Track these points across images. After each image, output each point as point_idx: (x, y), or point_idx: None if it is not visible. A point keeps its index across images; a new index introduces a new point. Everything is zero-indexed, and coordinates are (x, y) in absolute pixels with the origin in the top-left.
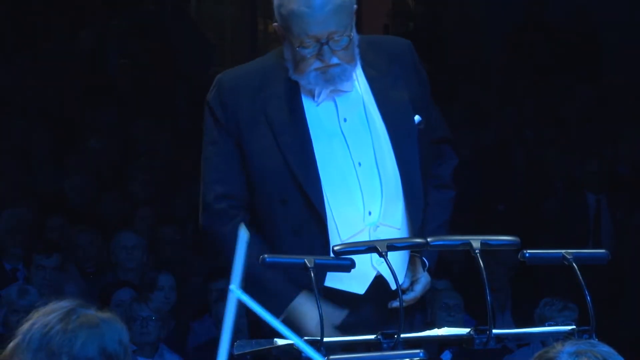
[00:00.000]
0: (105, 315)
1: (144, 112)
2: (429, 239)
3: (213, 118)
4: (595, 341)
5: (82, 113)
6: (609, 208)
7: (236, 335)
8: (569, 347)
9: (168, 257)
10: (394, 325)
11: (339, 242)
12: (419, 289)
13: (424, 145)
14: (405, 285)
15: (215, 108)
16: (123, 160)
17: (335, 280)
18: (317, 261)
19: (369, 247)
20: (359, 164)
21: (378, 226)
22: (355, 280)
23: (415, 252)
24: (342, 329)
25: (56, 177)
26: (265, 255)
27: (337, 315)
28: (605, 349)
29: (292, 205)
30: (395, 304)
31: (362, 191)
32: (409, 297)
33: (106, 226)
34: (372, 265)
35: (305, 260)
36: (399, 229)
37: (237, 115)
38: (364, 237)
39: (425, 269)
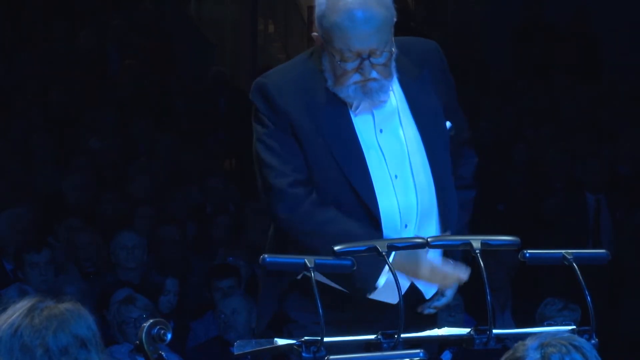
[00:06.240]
0: (68, 304)
1: (144, 112)
2: (429, 239)
3: (266, 119)
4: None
5: (82, 113)
6: (608, 208)
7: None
8: (531, 342)
9: (168, 257)
10: (418, 328)
11: None
12: (450, 293)
13: (453, 150)
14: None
15: (266, 112)
16: (123, 160)
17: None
18: (317, 261)
19: (370, 247)
20: (396, 176)
21: None
22: (390, 291)
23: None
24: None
25: (56, 177)
26: (265, 255)
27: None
28: (566, 335)
29: (347, 210)
30: (427, 310)
31: (399, 204)
32: (440, 302)
33: (106, 226)
34: (406, 276)
35: (306, 260)
36: None
37: (290, 118)
38: None
39: None
